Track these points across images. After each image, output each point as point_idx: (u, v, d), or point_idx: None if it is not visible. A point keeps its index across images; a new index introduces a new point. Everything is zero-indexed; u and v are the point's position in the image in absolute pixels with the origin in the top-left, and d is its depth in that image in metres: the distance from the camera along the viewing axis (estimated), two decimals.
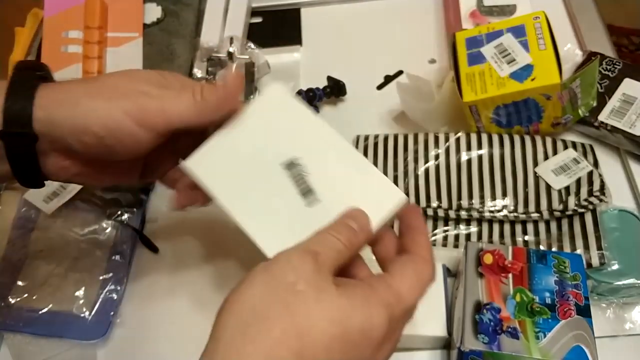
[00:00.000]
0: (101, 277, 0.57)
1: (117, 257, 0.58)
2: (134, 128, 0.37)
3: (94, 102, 0.36)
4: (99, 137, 0.37)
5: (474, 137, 0.60)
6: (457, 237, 0.56)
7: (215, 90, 0.38)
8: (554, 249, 0.53)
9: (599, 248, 0.52)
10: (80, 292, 0.56)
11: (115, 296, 0.56)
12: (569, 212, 0.54)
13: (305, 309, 0.30)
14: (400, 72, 0.71)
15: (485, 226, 0.56)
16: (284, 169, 0.38)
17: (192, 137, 0.41)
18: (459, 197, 0.57)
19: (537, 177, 0.57)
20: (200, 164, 0.39)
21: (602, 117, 0.60)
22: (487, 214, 0.56)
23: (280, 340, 0.29)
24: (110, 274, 0.57)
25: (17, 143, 0.36)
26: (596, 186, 0.55)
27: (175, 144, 0.42)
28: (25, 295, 0.56)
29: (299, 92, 0.65)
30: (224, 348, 0.29)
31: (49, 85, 0.38)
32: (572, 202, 0.55)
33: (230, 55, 0.68)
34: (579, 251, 0.52)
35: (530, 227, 0.56)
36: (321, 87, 0.68)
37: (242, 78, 0.40)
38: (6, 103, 0.36)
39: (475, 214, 0.56)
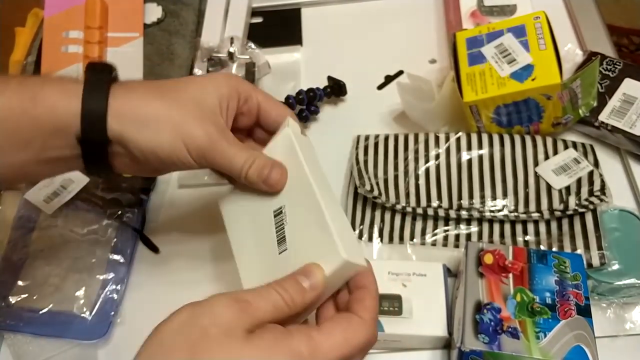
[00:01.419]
0: (101, 277, 0.57)
1: (117, 257, 0.58)
2: (189, 160, 0.42)
3: (161, 131, 0.41)
4: (160, 158, 0.41)
5: (474, 137, 0.60)
6: (457, 237, 0.56)
7: (258, 176, 0.42)
8: (554, 249, 0.53)
9: (600, 248, 0.52)
10: (80, 292, 0.56)
11: (115, 296, 0.56)
12: (570, 212, 0.54)
13: (208, 351, 0.31)
14: (400, 72, 0.71)
15: (485, 226, 0.56)
16: (273, 216, 0.42)
17: None
18: (460, 197, 0.57)
19: (537, 177, 0.57)
20: (228, 204, 0.46)
21: (603, 117, 0.60)
22: (487, 214, 0.56)
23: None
24: (111, 274, 0.57)
25: (92, 145, 0.41)
26: (597, 186, 0.55)
27: None
28: (26, 295, 0.56)
29: (299, 92, 0.65)
30: None
31: (120, 89, 0.41)
32: (572, 202, 0.55)
33: (230, 55, 0.68)
34: (580, 251, 0.52)
35: (530, 227, 0.56)
36: (321, 87, 0.68)
37: (284, 175, 0.43)
38: (83, 110, 0.39)
39: (475, 214, 0.56)
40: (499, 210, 0.56)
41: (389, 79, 0.71)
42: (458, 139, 0.60)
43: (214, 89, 0.43)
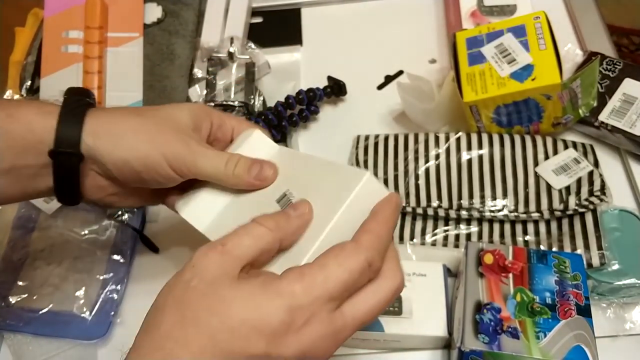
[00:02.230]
0: (101, 277, 0.57)
1: (117, 257, 0.58)
2: (168, 171, 0.41)
3: (137, 141, 0.40)
4: (136, 171, 0.41)
5: (474, 136, 0.60)
6: (457, 237, 0.56)
7: (249, 172, 0.41)
8: (554, 249, 0.53)
9: (600, 248, 0.52)
10: (80, 292, 0.56)
11: (115, 296, 0.56)
12: (570, 212, 0.54)
13: (194, 303, 0.30)
14: (400, 72, 0.71)
15: (485, 226, 0.56)
16: (277, 204, 0.39)
17: None
18: (460, 197, 0.57)
19: (537, 177, 0.57)
20: (186, 206, 0.44)
21: (603, 117, 0.60)
22: (487, 214, 0.56)
23: (168, 333, 0.30)
24: (111, 274, 0.57)
25: (64, 161, 0.40)
26: (597, 186, 0.55)
27: None
28: (26, 295, 0.56)
29: (299, 92, 0.65)
30: (137, 339, 0.32)
31: (97, 111, 0.41)
32: (572, 201, 0.55)
33: (230, 55, 0.68)
34: (580, 251, 0.52)
35: (530, 227, 0.56)
36: (321, 87, 0.68)
37: (275, 171, 0.42)
38: (58, 126, 0.39)
39: (475, 214, 0.56)
40: (499, 210, 0.56)
41: (389, 79, 0.71)
42: (458, 139, 0.60)
43: (188, 110, 0.44)
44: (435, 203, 0.57)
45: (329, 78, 0.69)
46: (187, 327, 0.30)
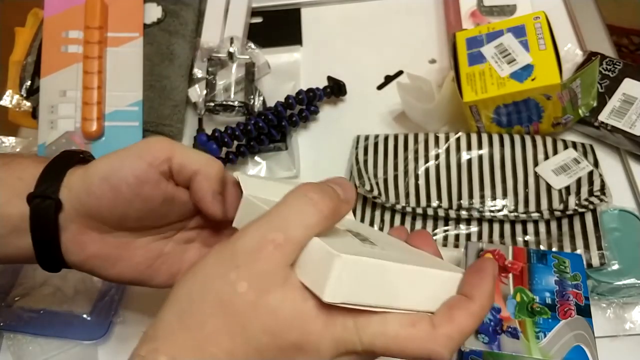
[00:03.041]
0: None
1: None
2: (136, 162, 0.38)
3: (111, 158, 0.38)
4: (105, 178, 0.37)
5: (474, 137, 0.60)
6: (457, 236, 0.56)
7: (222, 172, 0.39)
8: (554, 249, 0.53)
9: (599, 248, 0.52)
10: (80, 292, 0.56)
11: (115, 296, 0.56)
12: (570, 212, 0.54)
13: (243, 314, 0.28)
14: (400, 72, 0.71)
15: (485, 226, 0.56)
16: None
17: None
18: (459, 197, 0.57)
19: (537, 177, 0.57)
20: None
21: (603, 117, 0.60)
22: (487, 214, 0.56)
23: (211, 337, 0.28)
24: None
25: (41, 208, 0.37)
26: (596, 186, 0.55)
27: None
28: (25, 295, 0.56)
29: (299, 92, 0.65)
30: (162, 331, 0.29)
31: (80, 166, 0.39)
32: (572, 201, 0.55)
33: (230, 55, 0.68)
34: (579, 251, 0.52)
35: (530, 227, 0.56)
36: (321, 87, 0.68)
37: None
38: (43, 172, 0.38)
39: (475, 214, 0.56)
40: (499, 210, 0.56)
41: (389, 79, 0.71)
42: (458, 139, 0.60)
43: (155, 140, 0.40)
44: (435, 203, 0.57)
45: (329, 78, 0.69)
46: (235, 338, 0.28)
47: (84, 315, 0.55)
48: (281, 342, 0.28)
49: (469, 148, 0.59)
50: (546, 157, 0.58)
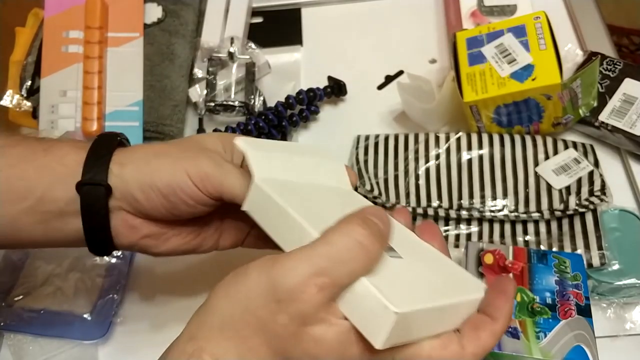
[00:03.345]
0: (101, 277, 0.57)
1: (118, 257, 0.58)
2: (193, 189, 0.39)
3: (161, 162, 0.39)
4: (163, 193, 0.39)
5: (474, 136, 0.60)
6: (457, 236, 0.56)
7: None
8: (554, 249, 0.53)
9: (600, 248, 0.52)
10: (80, 292, 0.56)
11: (115, 296, 0.56)
12: (570, 212, 0.54)
13: (285, 338, 0.29)
14: (400, 72, 0.71)
15: (485, 226, 0.56)
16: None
17: None
18: (460, 197, 0.57)
19: (537, 177, 0.57)
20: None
21: (603, 117, 0.60)
22: (487, 214, 0.56)
23: (254, 350, 0.30)
24: (111, 274, 0.57)
25: (91, 193, 0.38)
26: (597, 186, 0.55)
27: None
28: (26, 295, 0.56)
29: (299, 92, 0.65)
30: (204, 334, 0.31)
31: (127, 147, 0.42)
32: (572, 201, 0.55)
33: (230, 55, 0.68)
34: (580, 251, 0.52)
35: (530, 226, 0.56)
36: (322, 87, 0.68)
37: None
38: (87, 158, 0.39)
39: (475, 214, 0.56)
40: (499, 210, 0.56)
41: (389, 79, 0.71)
42: (458, 139, 0.60)
43: (218, 136, 0.43)
44: (435, 203, 0.57)
45: (329, 78, 0.69)
46: (276, 356, 0.30)
47: (84, 315, 0.55)
48: None
49: (469, 148, 0.59)
50: (546, 157, 0.58)
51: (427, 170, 0.59)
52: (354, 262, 0.30)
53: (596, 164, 0.58)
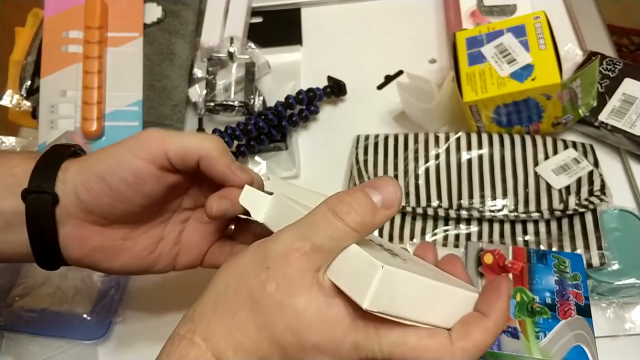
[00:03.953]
0: (101, 277, 0.57)
1: None
2: (133, 160, 0.37)
3: (99, 152, 0.38)
4: (102, 177, 0.37)
5: (474, 136, 0.60)
6: (457, 236, 0.56)
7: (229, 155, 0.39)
8: (554, 249, 0.53)
9: (600, 248, 0.52)
10: (80, 292, 0.56)
11: (115, 296, 0.56)
12: (570, 212, 0.54)
13: (270, 311, 0.30)
14: (400, 72, 0.71)
15: (485, 226, 0.56)
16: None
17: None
18: (459, 197, 0.57)
19: (537, 177, 0.57)
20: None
21: (603, 116, 0.60)
22: (487, 214, 0.56)
23: (240, 326, 0.30)
24: (111, 274, 0.57)
25: (37, 204, 0.37)
26: (596, 186, 0.55)
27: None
28: (26, 295, 0.56)
29: (299, 92, 0.65)
30: (198, 315, 0.32)
31: (79, 156, 0.40)
32: (572, 201, 0.55)
33: (230, 55, 0.68)
34: (579, 251, 0.52)
35: (530, 226, 0.56)
36: (321, 87, 0.68)
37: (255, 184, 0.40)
38: (36, 167, 0.38)
39: (475, 214, 0.56)
40: (499, 210, 0.56)
41: (389, 79, 0.71)
42: (458, 139, 0.60)
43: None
44: (435, 203, 0.57)
45: (329, 78, 0.69)
46: (261, 331, 0.30)
47: (84, 315, 0.55)
48: (303, 341, 0.30)
49: (469, 148, 0.59)
50: (546, 157, 0.58)
51: (427, 170, 0.59)
52: (331, 230, 0.30)
53: (596, 164, 0.58)
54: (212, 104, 0.66)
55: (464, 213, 0.56)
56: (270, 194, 0.38)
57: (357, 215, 0.31)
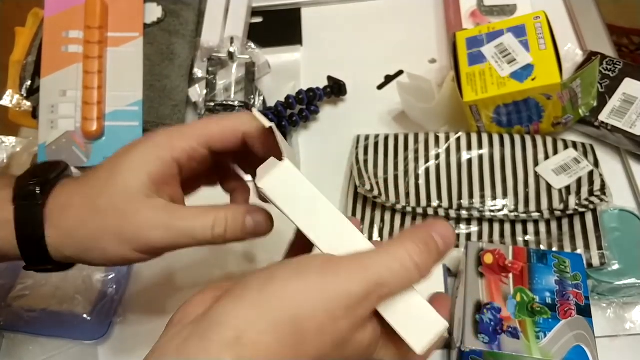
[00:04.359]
0: (101, 277, 0.57)
1: None
2: (126, 254, 0.37)
3: (88, 232, 0.37)
4: (91, 263, 0.38)
5: (474, 136, 0.60)
6: (457, 236, 0.56)
7: (242, 228, 0.38)
8: (554, 249, 0.53)
9: (600, 248, 0.52)
10: (80, 292, 0.56)
11: (115, 296, 0.56)
12: (570, 212, 0.54)
13: (332, 346, 0.30)
14: (400, 72, 0.71)
15: (485, 226, 0.56)
16: None
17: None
18: (460, 197, 0.57)
19: (537, 177, 0.57)
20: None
21: (603, 116, 0.60)
22: (487, 214, 0.56)
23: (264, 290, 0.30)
24: (111, 274, 0.57)
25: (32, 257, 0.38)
26: (597, 186, 0.55)
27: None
28: (26, 295, 0.56)
29: (299, 92, 0.65)
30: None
31: (61, 191, 0.38)
32: (572, 201, 0.55)
33: (230, 55, 0.68)
34: (580, 251, 0.52)
35: (530, 226, 0.56)
36: (321, 87, 0.68)
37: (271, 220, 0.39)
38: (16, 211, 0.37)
39: (475, 214, 0.56)
40: (499, 210, 0.56)
41: (389, 79, 0.71)
42: (458, 139, 0.60)
43: (142, 167, 0.37)
44: (435, 203, 0.57)
45: (329, 78, 0.69)
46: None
47: (84, 315, 0.55)
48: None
49: (469, 148, 0.59)
50: (546, 157, 0.58)
51: (427, 170, 0.59)
52: (410, 281, 0.31)
53: (596, 164, 0.58)
54: (212, 104, 0.66)
55: (464, 213, 0.56)
56: None
57: (433, 263, 0.32)
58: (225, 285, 0.32)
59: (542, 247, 0.54)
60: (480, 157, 0.59)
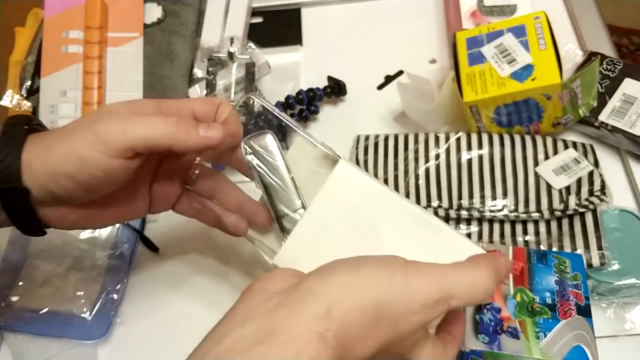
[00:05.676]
0: (101, 277, 0.57)
1: (117, 257, 0.58)
2: (99, 158, 0.37)
3: (61, 145, 0.37)
4: (71, 176, 0.37)
5: (474, 136, 0.60)
6: None
7: (194, 129, 0.39)
8: (554, 249, 0.53)
9: (600, 248, 0.52)
10: (80, 292, 0.56)
11: (115, 296, 0.56)
12: (570, 212, 0.54)
13: (397, 339, 0.33)
14: (400, 72, 0.71)
15: (485, 226, 0.56)
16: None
17: (180, 159, 0.44)
18: (460, 197, 0.57)
19: (537, 177, 0.57)
20: (286, 259, 0.39)
21: (603, 117, 0.60)
22: (487, 214, 0.56)
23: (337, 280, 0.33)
24: (111, 274, 0.57)
25: (11, 197, 0.37)
26: (597, 186, 0.55)
27: (172, 169, 0.44)
28: (26, 295, 0.56)
29: (299, 92, 0.65)
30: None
31: (35, 137, 0.38)
32: (572, 201, 0.55)
33: (230, 55, 0.68)
34: (580, 251, 0.52)
35: (530, 226, 0.56)
36: (321, 87, 0.68)
37: (232, 126, 0.41)
38: None
39: (475, 214, 0.56)
40: (499, 210, 0.56)
41: (389, 79, 0.71)
42: (458, 139, 0.60)
43: (122, 102, 0.40)
44: (435, 203, 0.57)
45: (329, 78, 0.69)
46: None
47: (84, 315, 0.55)
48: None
49: (469, 148, 0.59)
50: (546, 157, 0.58)
51: (427, 170, 0.59)
52: (475, 301, 0.35)
53: (596, 164, 0.58)
54: None
55: (464, 213, 0.56)
56: None
57: (497, 285, 0.36)
58: (295, 271, 0.35)
59: (542, 247, 0.54)
60: (480, 157, 0.59)
